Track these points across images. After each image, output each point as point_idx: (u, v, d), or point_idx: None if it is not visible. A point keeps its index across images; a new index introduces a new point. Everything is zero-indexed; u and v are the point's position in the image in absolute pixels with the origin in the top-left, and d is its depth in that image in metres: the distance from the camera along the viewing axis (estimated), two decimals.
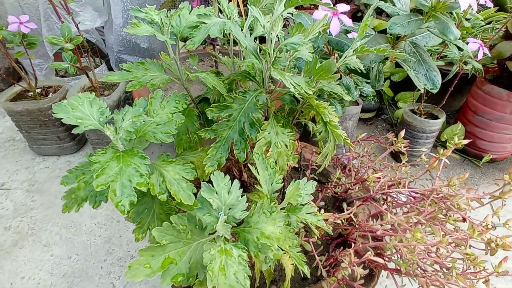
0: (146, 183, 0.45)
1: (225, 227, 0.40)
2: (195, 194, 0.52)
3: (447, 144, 0.77)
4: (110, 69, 1.93)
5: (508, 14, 1.52)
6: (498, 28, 1.39)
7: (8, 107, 1.36)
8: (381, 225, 0.64)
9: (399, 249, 0.65)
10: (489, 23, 1.61)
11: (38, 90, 1.47)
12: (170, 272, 0.40)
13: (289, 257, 0.62)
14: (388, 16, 1.87)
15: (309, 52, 0.59)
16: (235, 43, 0.77)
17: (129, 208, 0.43)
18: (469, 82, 1.64)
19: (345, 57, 0.60)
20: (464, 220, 0.75)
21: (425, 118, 1.43)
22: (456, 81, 1.25)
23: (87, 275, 1.10)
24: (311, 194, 0.53)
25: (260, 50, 0.55)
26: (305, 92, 0.49)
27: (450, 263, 0.65)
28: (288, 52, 0.54)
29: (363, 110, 1.89)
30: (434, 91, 0.73)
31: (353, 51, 0.59)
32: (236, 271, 0.40)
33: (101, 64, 1.82)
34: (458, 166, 1.59)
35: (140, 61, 0.58)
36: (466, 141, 0.76)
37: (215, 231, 0.44)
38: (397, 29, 0.67)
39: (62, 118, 0.43)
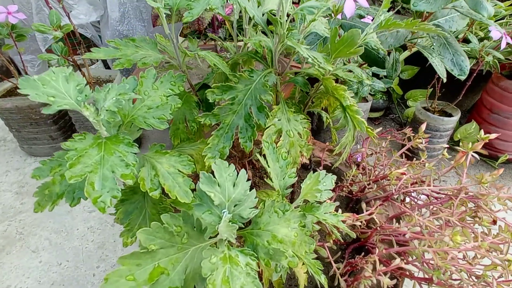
0: (133, 175, 0.37)
1: (229, 228, 0.32)
2: (194, 191, 0.43)
3: (460, 144, 0.69)
4: (106, 66, 1.86)
5: None
6: None
7: None
8: (408, 227, 0.56)
9: (425, 255, 0.56)
10: (503, 18, 1.54)
11: None
12: (161, 285, 0.32)
13: (303, 264, 0.53)
14: (398, 13, 1.80)
15: (325, 28, 0.51)
16: (240, 33, 0.69)
17: (111, 205, 0.35)
18: (481, 80, 1.56)
19: (365, 34, 0.52)
20: (494, 222, 0.67)
21: (439, 115, 1.35)
22: (474, 75, 1.17)
23: (78, 283, 1.01)
24: (330, 190, 0.45)
25: (268, 23, 0.47)
26: (324, 68, 0.40)
27: (482, 270, 0.57)
28: (301, 25, 0.47)
29: (371, 110, 1.80)
30: (462, 77, 0.65)
31: (376, 27, 0.51)
32: (243, 284, 0.31)
33: (97, 61, 1.75)
34: (472, 167, 1.51)
35: (130, 38, 0.51)
36: (494, 135, 0.68)
37: (217, 233, 0.35)
38: (422, 6, 0.59)
39: (28, 94, 0.35)
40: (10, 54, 1.67)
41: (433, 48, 0.77)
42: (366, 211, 0.62)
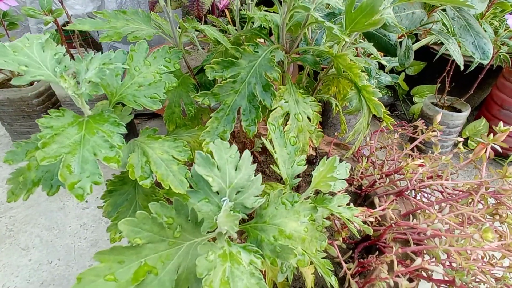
0: (119, 159, 0.32)
1: (230, 219, 0.27)
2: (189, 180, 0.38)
3: (469, 141, 0.64)
4: None
5: None
6: None
7: None
8: (426, 223, 0.50)
9: (450, 255, 0.51)
10: None
11: None
12: (147, 287, 0.26)
13: (310, 263, 0.48)
14: None
15: (338, 0, 0.46)
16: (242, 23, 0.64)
17: (91, 191, 0.29)
18: (490, 75, 1.50)
19: (382, 9, 0.47)
20: None
21: (448, 111, 1.29)
22: (487, 68, 1.12)
23: (68, 282, 0.96)
24: (344, 180, 0.40)
25: None
26: (339, 36, 0.35)
27: (503, 271, 0.52)
28: None
29: None
30: (485, 61, 0.59)
31: (393, 1, 0.46)
32: (246, 286, 0.26)
33: (94, 54, 1.69)
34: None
35: (121, 9, 0.45)
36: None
37: (216, 227, 0.30)
38: None
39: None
40: None
41: (449, 34, 0.72)
42: (379, 206, 0.57)
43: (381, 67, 1.44)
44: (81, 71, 0.33)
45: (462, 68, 0.69)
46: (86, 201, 1.22)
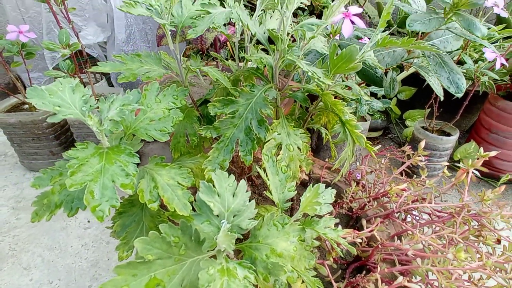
0: (133, 186, 0.37)
1: (228, 238, 0.32)
2: (192, 204, 0.43)
3: (461, 163, 0.69)
4: (110, 84, 1.89)
5: None
6: (507, 46, 1.35)
7: (1, 119, 1.30)
8: (409, 244, 0.55)
9: (429, 274, 0.55)
10: (496, 41, 1.58)
11: None
12: None
13: (302, 282, 0.52)
14: (392, 35, 1.85)
15: (324, 46, 0.53)
16: (242, 51, 0.71)
17: (109, 214, 0.34)
18: (478, 100, 1.58)
19: (363, 52, 0.54)
20: (498, 241, 0.66)
21: (437, 135, 1.35)
22: (471, 95, 1.19)
23: None
24: (329, 204, 0.45)
25: (270, 41, 0.49)
26: (323, 82, 0.41)
27: None
28: (302, 42, 0.48)
29: (370, 129, 1.82)
30: (459, 95, 0.66)
31: (373, 45, 0.53)
32: None
33: (102, 79, 1.78)
34: (474, 187, 1.50)
35: (136, 53, 0.52)
36: (493, 153, 0.68)
37: (215, 246, 0.35)
38: (417, 26, 0.61)
39: (36, 104, 0.36)
40: (18, 71, 1.70)
41: (429, 68, 0.79)
42: (367, 228, 0.62)
43: (374, 94, 1.52)
44: (104, 110, 0.39)
45: (442, 98, 0.76)
46: (88, 221, 1.25)
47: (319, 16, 1.95)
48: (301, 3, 0.57)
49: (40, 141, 1.37)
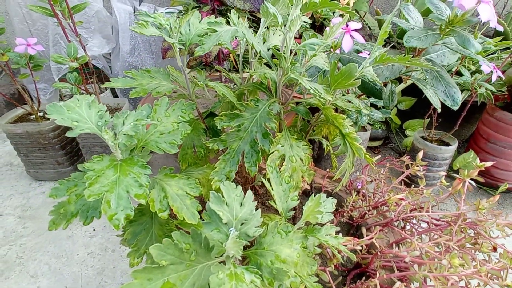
0: (146, 196, 0.40)
1: (237, 244, 0.34)
2: (200, 213, 0.46)
3: (460, 172, 0.71)
4: (115, 95, 1.93)
5: None
6: (505, 57, 1.38)
7: (8, 129, 1.33)
8: (407, 251, 0.57)
9: (427, 280, 0.57)
10: (494, 53, 1.62)
11: (41, 114, 1.45)
12: None
13: (304, 287, 0.54)
14: (393, 48, 1.89)
15: (325, 62, 0.56)
16: (245, 66, 0.74)
17: (124, 222, 0.37)
18: (476, 110, 1.61)
19: (362, 68, 0.57)
20: (494, 249, 0.68)
21: (436, 144, 1.38)
22: (469, 106, 1.22)
23: None
24: (331, 213, 0.47)
25: (273, 57, 0.52)
26: (324, 98, 0.44)
27: None
28: (304, 59, 0.51)
29: (371, 139, 1.85)
30: (455, 107, 0.68)
31: (372, 61, 0.56)
32: None
33: (106, 89, 1.82)
34: (473, 196, 1.52)
35: (146, 69, 0.55)
36: (489, 163, 0.71)
37: (224, 252, 0.37)
38: (414, 42, 0.64)
39: (56, 119, 0.38)
40: (24, 82, 1.74)
41: (427, 81, 0.82)
42: (366, 236, 0.64)
43: (374, 105, 1.55)
44: (118, 125, 0.42)
45: (439, 110, 0.78)
46: (94, 230, 1.27)
47: (320, 28, 2.00)
48: (304, 22, 0.61)
49: (47, 151, 1.40)
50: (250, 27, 1.44)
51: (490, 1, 0.65)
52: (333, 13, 1.51)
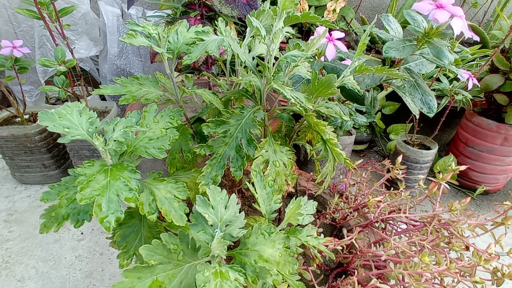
0: (136, 199, 0.42)
1: (221, 244, 0.36)
2: (188, 215, 0.48)
3: (439, 175, 0.76)
4: (103, 98, 1.93)
5: (492, 50, 1.60)
6: (482, 64, 1.45)
7: None
8: (384, 251, 0.60)
9: (404, 278, 0.60)
10: (473, 60, 1.70)
11: (26, 116, 1.44)
12: None
13: (288, 286, 0.57)
14: (378, 53, 1.95)
15: (307, 71, 0.59)
16: (232, 70, 0.77)
17: (115, 224, 0.39)
18: (457, 115, 1.68)
19: (343, 77, 0.60)
20: (467, 248, 0.72)
21: (418, 148, 1.43)
22: (447, 112, 1.28)
23: None
24: (311, 215, 0.50)
25: (258, 65, 0.55)
26: (305, 107, 0.47)
27: None
28: (287, 68, 0.54)
29: (356, 142, 1.90)
30: (431, 115, 0.73)
31: (352, 71, 0.59)
32: None
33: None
34: (452, 198, 1.58)
35: (135, 76, 0.57)
36: (463, 167, 0.75)
37: (210, 253, 0.39)
38: (392, 53, 0.68)
39: (48, 126, 0.40)
40: (9, 84, 1.72)
41: (405, 88, 0.86)
42: (347, 236, 0.67)
43: (359, 110, 1.59)
44: (109, 131, 0.44)
45: (417, 116, 0.83)
46: (82, 233, 1.27)
47: (308, 33, 2.04)
48: (287, 32, 0.64)
49: (33, 154, 1.39)
50: (238, 32, 1.47)
51: (463, 16, 0.70)
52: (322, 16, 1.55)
